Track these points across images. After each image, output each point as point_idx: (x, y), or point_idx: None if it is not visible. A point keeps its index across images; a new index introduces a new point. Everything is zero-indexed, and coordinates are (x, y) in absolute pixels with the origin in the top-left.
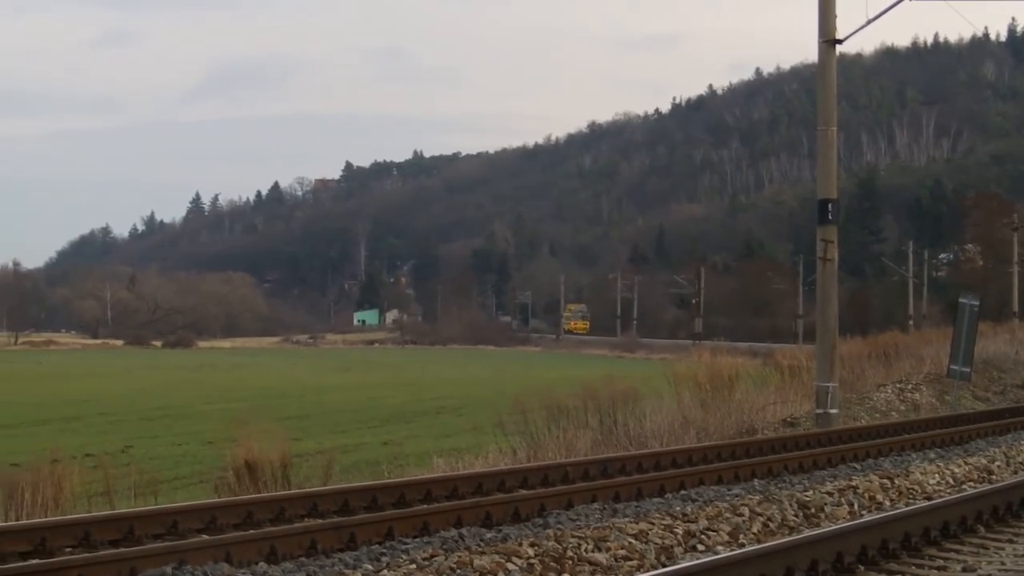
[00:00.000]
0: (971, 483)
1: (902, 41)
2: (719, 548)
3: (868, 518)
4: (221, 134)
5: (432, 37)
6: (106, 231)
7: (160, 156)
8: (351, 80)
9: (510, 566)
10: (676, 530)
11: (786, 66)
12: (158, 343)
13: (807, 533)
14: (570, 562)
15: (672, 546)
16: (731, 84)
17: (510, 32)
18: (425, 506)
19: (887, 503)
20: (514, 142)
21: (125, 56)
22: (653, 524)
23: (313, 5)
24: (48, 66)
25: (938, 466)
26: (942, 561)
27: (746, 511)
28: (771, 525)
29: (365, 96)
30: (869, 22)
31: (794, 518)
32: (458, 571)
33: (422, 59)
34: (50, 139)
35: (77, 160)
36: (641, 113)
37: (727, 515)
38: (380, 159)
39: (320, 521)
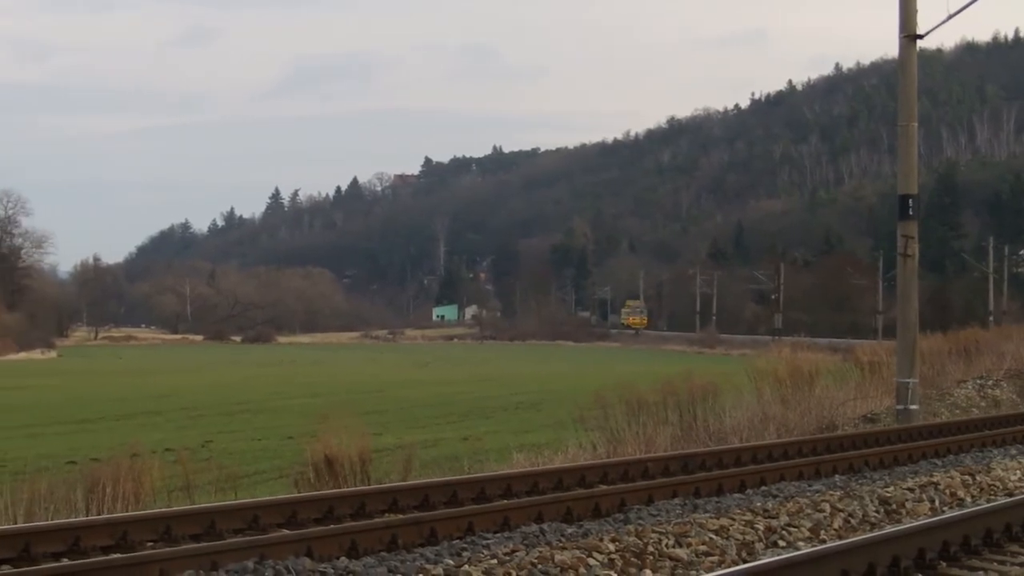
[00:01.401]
0: None
1: (983, 36)
2: (800, 544)
3: (950, 514)
4: (302, 130)
5: (515, 35)
6: (186, 227)
7: (240, 152)
8: (433, 77)
9: (591, 561)
10: (757, 526)
11: (866, 61)
12: (237, 338)
13: (889, 529)
14: (651, 557)
15: (753, 542)
16: (810, 79)
17: (591, 29)
18: (505, 501)
19: (968, 499)
20: (593, 138)
21: (209, 54)
22: (734, 520)
23: (399, 2)
24: (132, 64)
25: (1020, 462)
26: None
27: (827, 507)
28: (852, 521)
29: (446, 92)
30: (950, 17)
31: (875, 514)
32: (539, 566)
33: (505, 56)
34: (132, 136)
35: (158, 156)
36: (720, 108)
37: (808, 511)
38: (459, 155)
39: (400, 516)
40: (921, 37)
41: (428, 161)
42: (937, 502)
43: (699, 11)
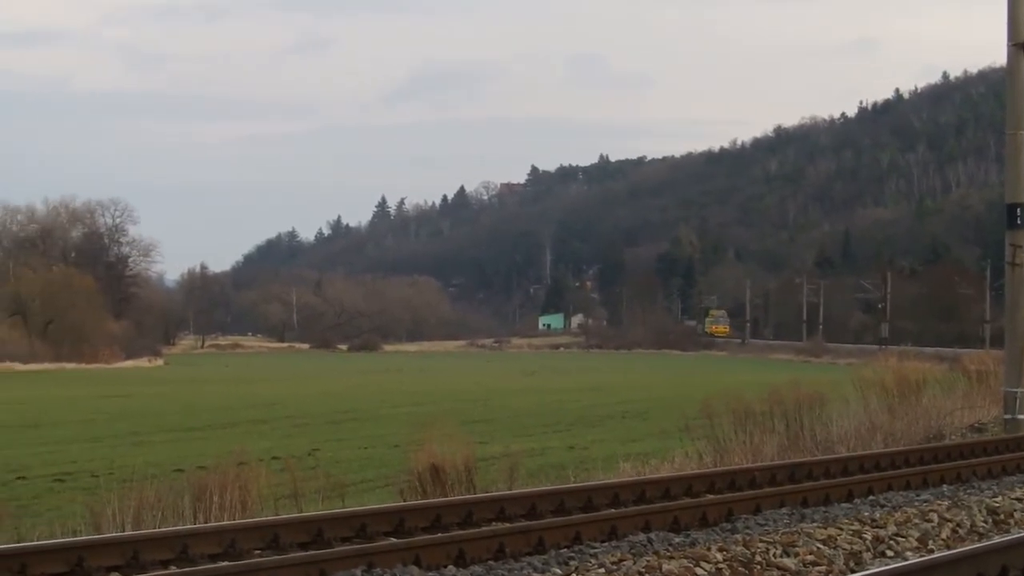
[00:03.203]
0: None
1: None
2: (908, 554)
3: None
4: (409, 139)
5: (623, 43)
6: (292, 235)
7: (348, 160)
8: (541, 85)
9: (698, 571)
10: (865, 535)
11: (974, 69)
12: (344, 347)
13: (997, 539)
14: (758, 567)
15: (861, 552)
16: (918, 88)
17: (699, 38)
18: (613, 510)
19: None
20: (700, 146)
21: (320, 62)
22: (842, 529)
23: (510, 12)
24: (244, 72)
25: None
26: None
27: (935, 517)
28: (960, 531)
29: (554, 101)
30: None
31: (983, 524)
32: (646, 575)
33: (612, 65)
34: (242, 143)
35: (267, 164)
36: (827, 117)
37: (916, 521)
38: (566, 163)
39: (508, 525)
40: None
41: (534, 169)
42: None
43: (808, 20)
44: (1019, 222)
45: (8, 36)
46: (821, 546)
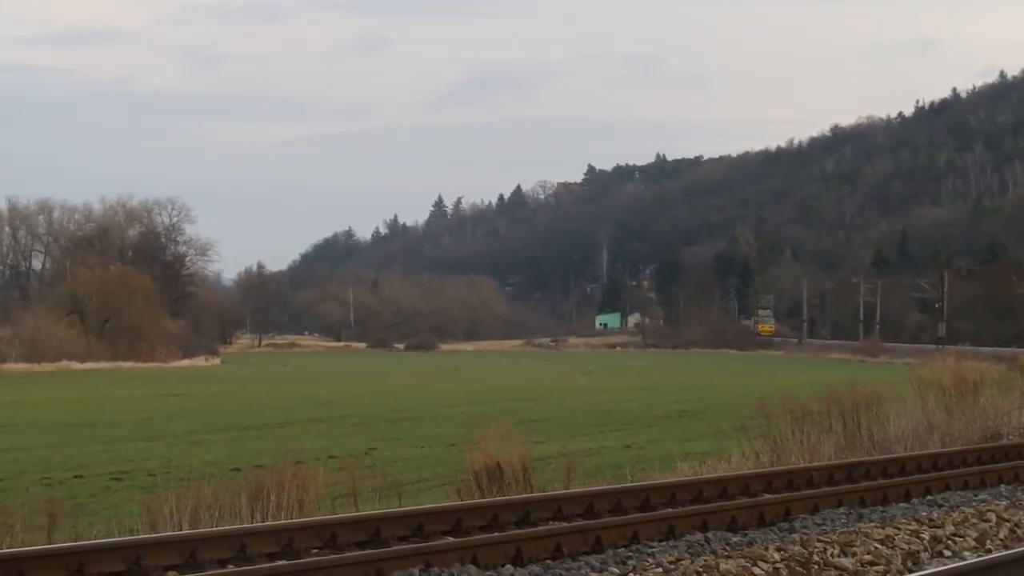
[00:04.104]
0: None
1: None
2: (966, 554)
3: None
4: (466, 138)
5: (681, 42)
6: (349, 234)
7: (405, 160)
8: (598, 85)
9: (756, 570)
10: (922, 535)
11: None
12: (400, 346)
13: None
14: (816, 567)
15: (918, 551)
16: (975, 87)
17: (756, 37)
18: (670, 510)
19: None
20: (756, 146)
21: (380, 62)
22: (899, 529)
23: (566, 12)
24: (302, 72)
25: None
26: None
27: (993, 517)
28: (1018, 531)
29: (610, 100)
30: None
31: None
32: (704, 575)
33: (670, 64)
34: (298, 144)
35: (323, 164)
36: (884, 116)
37: (973, 520)
38: (623, 163)
39: (565, 524)
40: None
41: (591, 169)
42: None
43: (866, 20)
44: None
45: (69, 36)
46: (879, 546)
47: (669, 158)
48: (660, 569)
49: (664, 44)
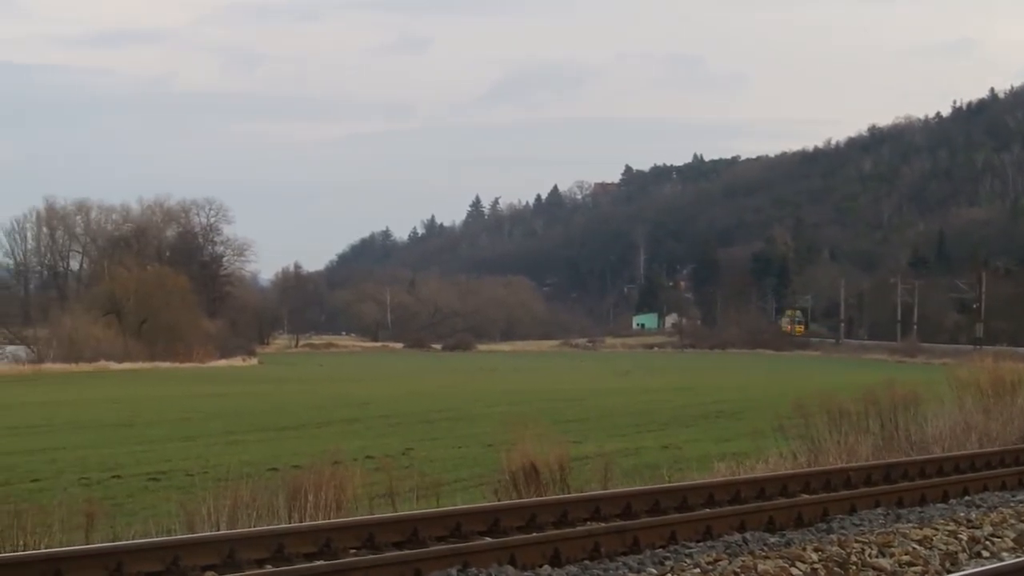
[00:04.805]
0: None
1: None
2: (1004, 555)
3: None
4: (504, 138)
5: (720, 43)
6: (386, 234)
7: (441, 160)
8: (637, 85)
9: (794, 571)
10: (960, 536)
11: None
12: (438, 346)
13: None
14: (854, 567)
15: (956, 552)
16: (1013, 88)
17: (794, 38)
18: (708, 510)
19: None
20: (794, 146)
21: (418, 62)
22: (937, 530)
23: (604, 13)
24: (339, 72)
25: None
26: None
27: None
28: None
29: (648, 101)
30: None
31: None
32: (741, 575)
33: (708, 65)
34: (335, 144)
35: (360, 164)
36: (922, 116)
37: (1012, 521)
38: (660, 163)
39: (603, 524)
40: None
41: (628, 169)
42: None
43: (903, 20)
44: None
45: (107, 37)
46: (917, 546)
47: (706, 158)
48: (698, 570)
49: (702, 44)
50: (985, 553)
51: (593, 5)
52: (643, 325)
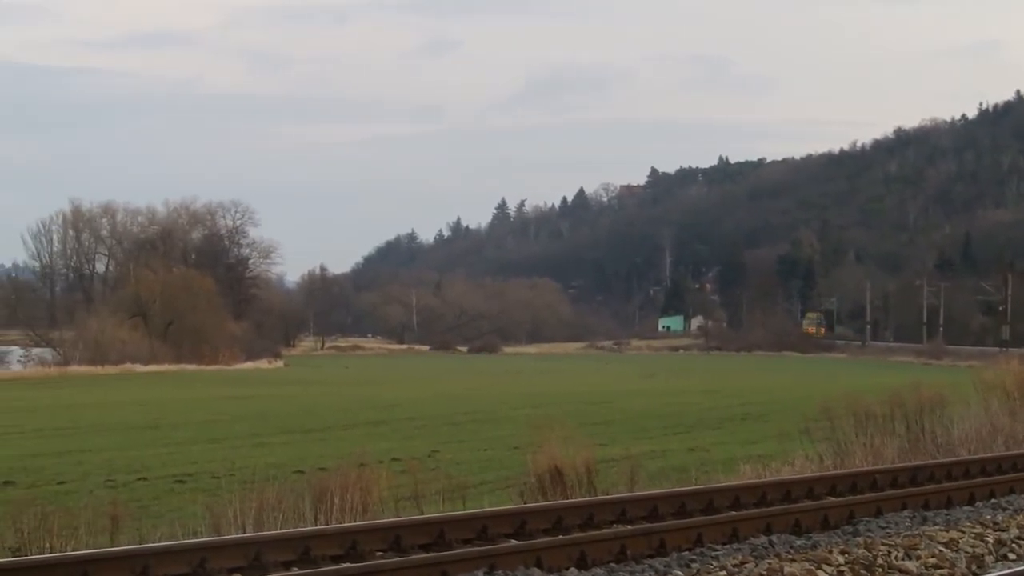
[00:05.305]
0: None
1: None
2: None
3: None
4: (530, 141)
5: (745, 45)
6: (412, 236)
7: (467, 162)
8: (663, 87)
9: (820, 573)
10: (987, 539)
11: None
12: (463, 348)
13: None
14: (880, 570)
15: (983, 555)
16: None
17: (819, 41)
18: (734, 512)
19: None
20: (819, 148)
21: (446, 65)
22: (963, 532)
23: (631, 15)
24: (368, 74)
25: None
26: None
27: None
28: None
29: (674, 103)
30: None
31: None
32: None
33: (734, 67)
34: (361, 146)
35: (385, 166)
36: (948, 118)
37: None
38: (685, 165)
39: (629, 527)
40: None
41: (654, 171)
42: None
43: (929, 22)
44: None
45: (134, 39)
46: (943, 549)
47: (732, 160)
48: (724, 572)
49: (728, 46)
50: (1012, 556)
51: (619, 7)
52: (669, 327)
